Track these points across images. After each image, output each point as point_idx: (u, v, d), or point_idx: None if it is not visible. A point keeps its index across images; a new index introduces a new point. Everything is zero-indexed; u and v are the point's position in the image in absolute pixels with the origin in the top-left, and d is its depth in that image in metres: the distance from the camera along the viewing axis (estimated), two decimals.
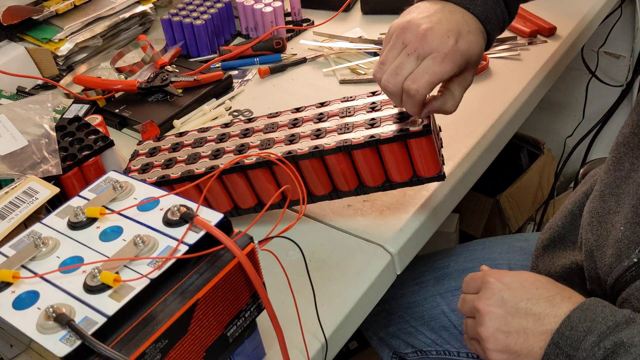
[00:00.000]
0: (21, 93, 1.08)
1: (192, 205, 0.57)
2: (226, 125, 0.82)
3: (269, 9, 1.15)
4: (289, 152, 0.73)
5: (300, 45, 1.15)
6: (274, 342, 0.58)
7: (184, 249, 0.53)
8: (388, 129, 0.71)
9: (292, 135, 0.75)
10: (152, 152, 0.82)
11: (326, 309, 0.70)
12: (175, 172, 0.76)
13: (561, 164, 1.61)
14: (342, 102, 0.79)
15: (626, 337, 0.57)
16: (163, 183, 0.75)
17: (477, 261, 0.98)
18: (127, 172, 0.79)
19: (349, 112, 0.76)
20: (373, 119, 0.73)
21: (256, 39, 1.14)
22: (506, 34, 1.12)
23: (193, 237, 0.54)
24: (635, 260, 0.65)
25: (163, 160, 0.79)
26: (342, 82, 1.06)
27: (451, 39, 0.65)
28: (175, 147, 0.81)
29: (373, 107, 0.76)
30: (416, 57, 0.66)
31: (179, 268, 0.53)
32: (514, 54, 1.07)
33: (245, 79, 1.10)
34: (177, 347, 0.51)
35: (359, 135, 0.71)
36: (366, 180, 0.75)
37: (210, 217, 0.55)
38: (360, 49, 1.11)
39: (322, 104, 0.80)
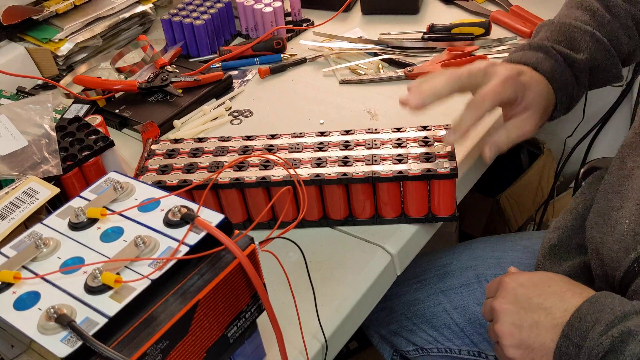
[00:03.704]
0: (21, 93, 1.08)
1: (193, 206, 0.57)
2: (248, 137, 0.83)
3: (269, 9, 1.15)
4: (317, 175, 0.74)
5: (300, 46, 1.15)
6: (274, 343, 0.59)
7: (184, 249, 0.53)
8: (415, 166, 0.74)
9: (319, 158, 0.77)
10: (171, 154, 0.81)
11: (326, 309, 0.70)
12: (197, 177, 0.77)
13: (561, 164, 1.61)
14: (367, 132, 0.81)
15: (634, 325, 0.58)
16: (183, 187, 0.75)
17: (479, 259, 0.98)
18: (143, 170, 0.79)
19: (375, 144, 0.79)
20: (400, 154, 0.76)
21: (256, 39, 1.14)
22: (506, 33, 1.12)
23: (194, 238, 0.54)
24: None
25: (183, 164, 0.79)
26: (342, 82, 1.06)
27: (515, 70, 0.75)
28: (195, 152, 0.81)
29: (399, 143, 0.78)
30: None
31: (180, 269, 0.53)
32: None
33: (245, 79, 1.10)
34: (178, 348, 0.51)
35: (386, 168, 0.74)
36: (384, 212, 0.78)
37: (211, 218, 0.55)
38: (360, 49, 1.11)
39: (347, 132, 0.82)
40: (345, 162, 0.76)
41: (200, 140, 0.84)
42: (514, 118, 0.77)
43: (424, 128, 0.80)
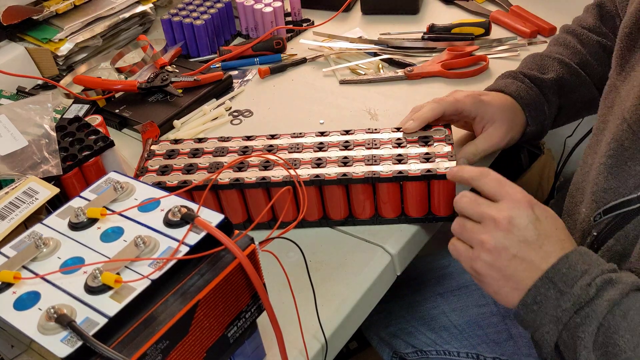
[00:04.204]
0: (21, 93, 1.08)
1: (193, 206, 0.57)
2: (248, 138, 0.83)
3: (269, 9, 1.15)
4: (317, 176, 0.75)
5: (300, 45, 1.15)
6: (274, 343, 0.59)
7: (184, 249, 0.53)
8: (415, 166, 0.74)
9: (319, 159, 0.77)
10: (171, 155, 0.82)
11: (326, 309, 0.70)
12: (197, 178, 0.77)
13: (561, 164, 1.61)
14: (366, 132, 0.82)
15: (615, 276, 0.61)
16: (183, 188, 0.75)
17: None
18: (143, 171, 0.79)
19: (375, 145, 0.79)
20: (400, 154, 0.76)
21: (256, 39, 1.14)
22: (506, 33, 1.12)
23: (194, 238, 0.54)
24: (595, 234, 0.70)
25: (183, 165, 0.79)
26: (342, 82, 1.06)
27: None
28: (195, 153, 0.81)
29: (399, 144, 0.79)
30: None
31: (180, 269, 0.53)
32: (514, 54, 1.07)
33: (245, 79, 1.10)
34: (178, 348, 0.51)
35: (386, 169, 0.74)
36: (384, 212, 0.78)
37: (211, 218, 0.55)
38: (360, 49, 1.11)
39: (347, 132, 0.82)
40: (345, 162, 0.76)
41: (200, 140, 0.84)
42: (483, 132, 0.84)
43: (424, 128, 0.80)
